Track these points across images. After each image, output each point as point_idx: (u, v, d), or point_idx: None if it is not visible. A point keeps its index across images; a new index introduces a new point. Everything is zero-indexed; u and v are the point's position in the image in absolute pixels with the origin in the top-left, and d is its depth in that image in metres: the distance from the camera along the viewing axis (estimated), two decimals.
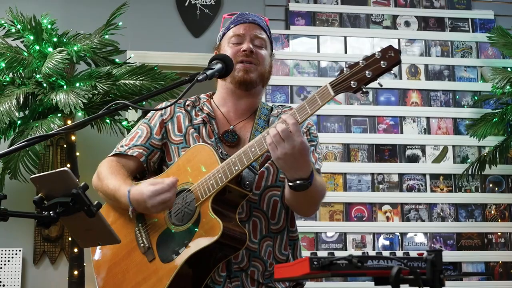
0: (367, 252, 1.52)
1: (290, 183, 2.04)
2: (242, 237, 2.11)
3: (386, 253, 1.52)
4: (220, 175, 2.10)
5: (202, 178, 2.15)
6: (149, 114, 2.47)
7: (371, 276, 1.53)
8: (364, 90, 1.92)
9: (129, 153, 2.38)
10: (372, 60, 1.88)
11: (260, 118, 2.36)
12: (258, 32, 2.39)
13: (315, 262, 1.47)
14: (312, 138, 2.36)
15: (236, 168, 2.07)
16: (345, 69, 1.92)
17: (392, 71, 1.91)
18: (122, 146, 2.43)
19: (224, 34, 2.44)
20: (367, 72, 1.87)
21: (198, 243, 2.07)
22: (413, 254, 1.55)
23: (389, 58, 1.87)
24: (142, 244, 2.24)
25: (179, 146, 2.34)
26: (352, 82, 1.89)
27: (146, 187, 2.12)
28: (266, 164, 2.26)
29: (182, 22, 5.48)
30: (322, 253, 2.33)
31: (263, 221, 2.26)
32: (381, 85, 1.90)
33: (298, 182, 2.01)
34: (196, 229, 2.11)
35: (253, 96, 2.40)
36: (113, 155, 2.43)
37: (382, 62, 1.87)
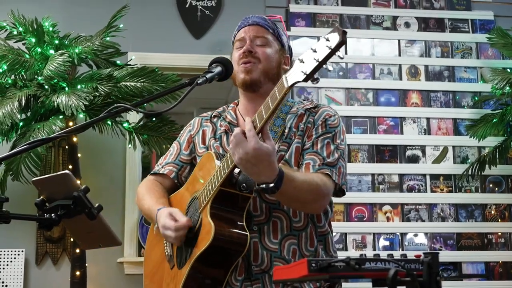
0: (365, 254, 1.53)
1: (256, 187, 2.04)
2: (240, 239, 2.10)
3: (386, 253, 1.53)
4: (214, 180, 2.13)
5: (204, 185, 2.19)
6: (182, 132, 2.57)
7: (369, 278, 1.54)
8: (315, 77, 1.83)
9: (161, 172, 2.49)
10: (319, 46, 1.78)
11: (278, 116, 2.35)
12: (258, 32, 2.39)
13: (313, 264, 1.48)
14: (329, 130, 2.31)
15: (224, 171, 2.08)
16: (298, 58, 1.86)
17: (338, 54, 1.81)
18: (157, 166, 2.54)
19: (233, 42, 2.47)
20: (314, 58, 1.78)
21: (198, 249, 2.10)
22: (411, 255, 1.57)
23: (333, 40, 1.75)
24: (167, 253, 2.34)
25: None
26: (302, 71, 1.82)
27: (164, 217, 2.22)
28: (279, 164, 2.21)
29: (183, 24, 5.50)
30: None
31: (284, 220, 2.25)
32: (329, 70, 1.85)
33: (261, 186, 1.99)
34: (198, 235, 2.14)
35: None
36: (151, 174, 2.55)
37: (326, 44, 1.76)
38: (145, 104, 4.15)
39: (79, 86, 4.47)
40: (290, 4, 5.50)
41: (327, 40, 1.77)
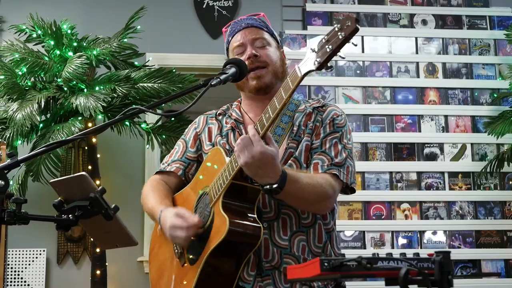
0: (378, 253, 1.54)
1: (261, 188, 2.09)
2: (254, 232, 2.12)
3: (399, 252, 1.54)
4: (226, 174, 2.14)
5: (214, 179, 2.20)
6: (186, 130, 2.58)
7: (381, 277, 1.55)
8: (328, 65, 1.88)
9: (167, 169, 2.49)
10: (332, 34, 1.83)
11: (285, 114, 2.37)
12: (255, 33, 2.41)
13: (326, 264, 1.49)
14: (336, 129, 2.34)
15: (236, 164, 2.10)
16: (310, 48, 1.91)
17: (352, 42, 1.85)
18: (163, 164, 2.54)
19: (227, 48, 2.48)
20: (327, 46, 1.84)
21: (211, 243, 2.11)
22: (424, 254, 1.57)
23: (347, 28, 1.80)
24: (176, 251, 2.32)
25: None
26: (315, 60, 1.88)
27: (171, 217, 2.21)
28: (289, 161, 2.27)
29: (200, 24, 5.53)
30: (341, 252, 2.35)
31: (293, 217, 2.27)
32: (343, 57, 1.88)
33: (265, 187, 2.04)
34: (211, 230, 2.15)
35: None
36: (156, 173, 2.54)
37: (339, 33, 1.81)
38: (163, 105, 4.21)
39: (97, 88, 4.51)
40: (307, 3, 5.51)
41: (340, 29, 1.80)
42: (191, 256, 2.23)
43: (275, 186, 2.03)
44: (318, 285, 2.24)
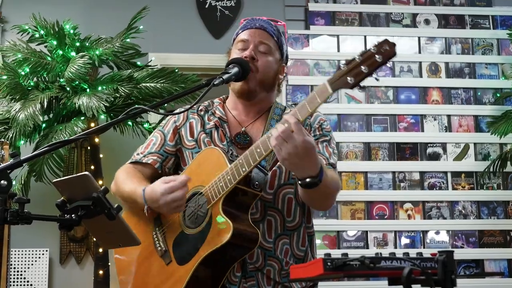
0: (381, 253, 1.54)
1: (300, 182, 2.04)
2: (253, 237, 2.13)
3: (402, 252, 1.54)
4: (229, 177, 2.12)
5: (212, 181, 2.17)
6: (163, 121, 2.52)
7: (384, 277, 1.55)
8: (361, 85, 1.88)
9: (144, 161, 2.44)
10: (368, 55, 1.84)
11: (273, 118, 2.36)
12: (263, 37, 2.38)
13: (329, 263, 1.49)
14: (325, 133, 2.36)
15: (243, 169, 2.09)
16: (342, 65, 1.90)
17: (388, 65, 1.88)
18: (138, 154, 2.48)
19: (234, 39, 2.45)
20: (362, 67, 1.83)
21: (210, 245, 2.10)
22: (427, 254, 1.57)
23: (384, 52, 1.81)
24: (159, 248, 2.29)
25: (192, 151, 2.38)
26: (348, 78, 1.86)
27: (159, 185, 2.16)
28: (278, 163, 2.25)
29: (202, 24, 5.53)
30: (344, 252, 2.34)
31: (278, 219, 2.28)
32: (378, 79, 1.88)
33: (307, 180, 2.00)
34: (208, 231, 2.14)
35: (260, 102, 2.40)
36: (129, 163, 2.49)
37: (377, 56, 1.82)
38: (165, 105, 4.21)
39: (100, 88, 4.52)
40: (309, 3, 5.50)
41: (377, 51, 1.81)
42: (179, 255, 2.21)
43: (317, 178, 2.00)
44: (297, 285, 2.26)
